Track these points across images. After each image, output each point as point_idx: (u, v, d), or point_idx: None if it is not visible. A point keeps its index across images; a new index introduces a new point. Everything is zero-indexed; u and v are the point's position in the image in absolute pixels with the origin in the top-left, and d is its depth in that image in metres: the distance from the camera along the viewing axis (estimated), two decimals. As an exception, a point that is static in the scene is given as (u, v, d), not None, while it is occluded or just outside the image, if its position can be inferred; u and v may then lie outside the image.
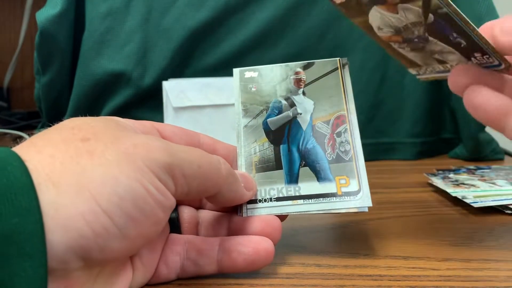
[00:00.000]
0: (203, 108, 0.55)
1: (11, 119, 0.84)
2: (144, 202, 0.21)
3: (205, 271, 0.27)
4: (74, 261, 0.20)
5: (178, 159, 0.23)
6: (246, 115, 0.33)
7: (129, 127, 0.25)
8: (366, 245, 0.32)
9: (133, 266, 0.25)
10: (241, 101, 0.33)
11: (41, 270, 0.18)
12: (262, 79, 0.34)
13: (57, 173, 0.20)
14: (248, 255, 0.26)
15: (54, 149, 0.21)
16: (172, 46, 0.59)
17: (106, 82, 0.59)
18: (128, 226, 0.21)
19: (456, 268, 0.28)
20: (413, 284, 0.26)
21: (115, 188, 0.20)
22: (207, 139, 0.30)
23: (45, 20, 0.57)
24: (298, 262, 0.29)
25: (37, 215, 0.18)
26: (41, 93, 0.62)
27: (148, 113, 0.59)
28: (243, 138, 0.32)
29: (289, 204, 0.29)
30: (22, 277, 0.18)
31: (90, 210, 0.20)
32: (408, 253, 0.30)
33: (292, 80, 0.33)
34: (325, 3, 0.59)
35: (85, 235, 0.19)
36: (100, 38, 0.58)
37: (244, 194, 0.28)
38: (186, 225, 0.29)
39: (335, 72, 0.33)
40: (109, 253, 0.21)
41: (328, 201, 0.29)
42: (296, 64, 0.34)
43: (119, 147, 0.22)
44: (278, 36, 0.60)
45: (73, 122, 0.23)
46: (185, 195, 0.24)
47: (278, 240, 0.28)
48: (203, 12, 0.59)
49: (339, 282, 0.26)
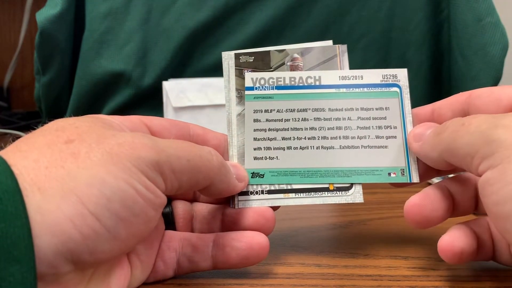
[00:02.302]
0: (203, 108, 0.55)
1: (11, 119, 0.84)
2: (133, 202, 0.21)
3: (200, 267, 0.27)
4: (64, 265, 0.19)
5: (166, 155, 0.23)
6: (240, 103, 0.31)
7: (115, 124, 0.25)
8: (366, 245, 0.32)
9: (131, 264, 0.25)
10: (236, 88, 0.31)
11: (29, 275, 0.18)
12: (258, 64, 0.32)
13: (42, 177, 0.20)
14: (241, 250, 0.26)
15: (38, 153, 0.21)
16: (172, 46, 0.59)
17: (106, 82, 0.59)
18: (118, 227, 0.21)
19: (456, 268, 0.28)
20: (413, 284, 0.26)
21: (102, 189, 0.20)
22: (197, 129, 0.30)
23: (45, 20, 0.57)
24: (298, 262, 0.29)
25: (23, 219, 0.18)
26: (41, 93, 0.62)
27: (148, 113, 0.59)
28: (235, 127, 0.31)
29: (281, 197, 0.29)
30: (10, 282, 0.18)
31: (77, 213, 0.19)
32: (408, 253, 0.30)
33: (288, 67, 0.32)
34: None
35: (74, 239, 0.19)
36: (100, 38, 0.58)
37: (236, 185, 0.28)
38: (181, 220, 0.29)
39: (334, 59, 0.32)
40: (100, 255, 0.20)
41: (320, 196, 0.29)
42: (293, 49, 0.32)
43: (104, 147, 0.21)
44: (278, 36, 0.60)
45: (57, 124, 0.23)
46: (176, 190, 0.24)
47: (272, 230, 0.28)
48: (203, 12, 0.59)
49: (339, 282, 0.26)
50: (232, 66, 0.32)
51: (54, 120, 0.24)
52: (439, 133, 0.26)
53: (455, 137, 0.24)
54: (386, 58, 0.61)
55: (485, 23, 0.55)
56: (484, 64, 0.56)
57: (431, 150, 0.27)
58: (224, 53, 0.32)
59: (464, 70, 0.58)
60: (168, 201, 0.29)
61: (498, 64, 0.55)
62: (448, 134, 0.25)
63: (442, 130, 0.26)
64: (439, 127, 0.27)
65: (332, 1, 0.60)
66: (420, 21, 0.61)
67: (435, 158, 0.26)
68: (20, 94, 0.96)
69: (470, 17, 0.56)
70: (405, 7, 0.61)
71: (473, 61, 0.56)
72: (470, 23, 0.56)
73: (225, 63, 0.32)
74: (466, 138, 0.23)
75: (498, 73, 0.55)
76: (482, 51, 0.55)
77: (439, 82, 0.63)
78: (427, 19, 0.61)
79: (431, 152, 0.27)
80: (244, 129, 0.30)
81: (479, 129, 0.23)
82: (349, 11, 0.61)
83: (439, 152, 0.26)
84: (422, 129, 0.28)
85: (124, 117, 0.27)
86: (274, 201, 0.29)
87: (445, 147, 0.25)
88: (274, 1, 0.59)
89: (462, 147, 0.24)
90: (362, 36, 0.61)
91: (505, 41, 0.55)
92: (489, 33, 0.55)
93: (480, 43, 0.56)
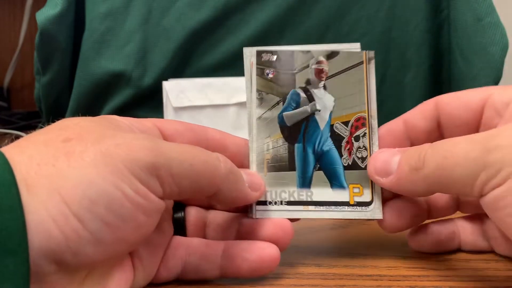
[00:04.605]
0: (203, 108, 0.55)
1: (11, 119, 0.84)
2: (120, 206, 0.21)
3: (207, 275, 0.26)
4: (46, 265, 0.19)
5: (165, 158, 0.22)
6: (260, 105, 0.29)
7: (124, 125, 0.25)
8: (366, 245, 0.32)
9: (134, 268, 0.24)
10: (257, 89, 0.30)
11: (23, 268, 0.18)
12: (281, 64, 0.30)
13: (32, 174, 0.20)
14: (252, 261, 0.26)
15: (34, 150, 0.21)
16: (172, 46, 0.59)
17: (106, 82, 0.59)
18: (102, 231, 0.20)
19: (456, 268, 0.28)
20: (413, 284, 0.26)
21: (86, 191, 0.20)
22: (216, 134, 0.29)
23: (45, 20, 0.57)
24: (298, 262, 0.29)
25: (19, 212, 0.18)
26: (41, 93, 0.62)
27: (148, 113, 0.59)
28: (256, 132, 0.29)
29: (300, 209, 0.28)
30: (4, 274, 0.18)
31: (60, 213, 0.19)
32: (408, 253, 0.30)
33: (313, 70, 0.30)
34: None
35: (56, 238, 0.19)
36: (100, 38, 0.58)
37: (248, 194, 0.27)
38: (192, 227, 0.28)
39: (360, 66, 0.30)
40: (83, 257, 0.20)
41: (340, 210, 0.28)
42: (319, 51, 0.30)
43: (99, 147, 0.21)
44: (278, 36, 0.60)
45: (63, 122, 0.23)
46: (177, 195, 0.23)
47: (288, 244, 0.27)
48: (203, 12, 0.59)
49: (339, 282, 0.26)
50: (254, 65, 0.30)
51: (62, 119, 0.24)
52: (416, 168, 0.25)
53: (443, 173, 0.24)
54: (386, 58, 0.61)
55: (485, 23, 0.55)
56: (484, 64, 0.55)
57: (413, 186, 0.26)
58: (246, 49, 0.30)
59: (464, 70, 0.58)
60: (182, 206, 0.29)
61: (498, 64, 0.55)
62: (433, 171, 0.24)
63: (418, 164, 0.25)
64: (409, 158, 0.26)
65: (332, 1, 0.60)
66: (420, 21, 0.61)
67: (420, 192, 0.26)
68: (20, 94, 0.96)
69: (470, 17, 0.56)
70: (405, 7, 0.61)
71: (473, 61, 0.56)
72: (470, 23, 0.56)
73: (247, 60, 0.30)
74: (458, 171, 0.23)
75: (498, 73, 0.55)
76: (482, 51, 0.55)
77: (439, 82, 0.63)
78: (427, 19, 0.61)
79: (413, 187, 0.26)
80: (264, 134, 0.29)
81: (470, 158, 0.23)
82: (349, 11, 0.60)
83: (425, 188, 0.25)
84: (384, 162, 0.27)
85: (136, 119, 0.26)
86: (293, 213, 0.28)
87: (432, 182, 0.25)
88: (274, 1, 0.59)
89: (457, 180, 0.23)
90: (362, 36, 0.61)
91: (505, 41, 0.55)
92: (489, 33, 0.55)
93: (480, 43, 0.56)
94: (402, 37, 0.61)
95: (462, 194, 0.24)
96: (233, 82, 0.56)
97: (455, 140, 0.24)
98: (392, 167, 0.27)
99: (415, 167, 0.25)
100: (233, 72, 0.58)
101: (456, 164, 0.23)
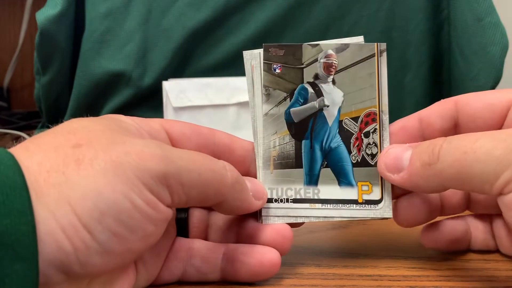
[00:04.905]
0: (203, 108, 0.55)
1: (11, 119, 0.84)
2: (129, 217, 0.20)
3: (208, 278, 0.26)
4: (55, 275, 0.19)
5: (175, 167, 0.22)
6: (267, 101, 0.28)
7: (133, 128, 0.24)
8: (366, 245, 0.32)
9: (137, 270, 0.24)
10: (264, 84, 0.29)
11: (32, 273, 0.18)
12: (288, 59, 0.29)
13: (41, 182, 0.19)
14: (251, 266, 0.26)
15: (43, 156, 0.20)
16: (172, 46, 0.59)
17: (106, 82, 0.59)
18: (111, 242, 0.20)
19: (456, 268, 0.28)
20: (413, 284, 0.26)
21: (96, 202, 0.19)
22: (224, 137, 0.28)
23: (45, 20, 0.57)
24: (298, 262, 0.29)
25: (29, 216, 0.18)
26: (41, 93, 0.62)
27: (148, 113, 0.59)
28: (262, 128, 0.28)
29: (306, 207, 0.28)
30: (13, 279, 0.17)
31: (69, 223, 0.19)
32: (408, 253, 0.30)
33: (322, 64, 0.29)
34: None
35: (65, 249, 0.19)
36: (100, 38, 0.58)
37: (252, 203, 0.26)
38: (194, 229, 0.28)
39: (371, 59, 0.29)
40: (91, 268, 0.20)
41: (347, 209, 0.28)
42: (328, 44, 0.29)
43: (110, 155, 0.20)
44: (278, 36, 0.60)
45: (71, 125, 0.23)
46: (184, 204, 0.23)
47: (288, 250, 0.27)
48: (203, 12, 0.59)
49: (339, 282, 0.26)
50: (255, 67, 0.29)
51: (70, 120, 0.23)
52: (430, 163, 0.24)
53: (460, 169, 0.23)
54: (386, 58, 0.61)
55: (485, 23, 0.55)
56: (484, 64, 0.55)
57: (425, 182, 0.25)
58: (246, 52, 0.29)
59: (464, 70, 0.58)
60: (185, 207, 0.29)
61: (498, 64, 0.55)
62: (450, 165, 0.24)
63: (432, 159, 0.24)
64: (421, 153, 0.25)
65: (332, 1, 0.60)
66: (420, 21, 0.61)
67: (433, 188, 0.25)
68: (20, 94, 0.96)
69: (470, 17, 0.56)
70: (405, 7, 0.61)
71: (473, 61, 0.56)
72: (470, 23, 0.56)
73: (247, 63, 0.29)
74: (478, 167, 0.23)
75: (498, 73, 0.55)
76: (482, 51, 0.55)
77: (439, 82, 0.63)
78: (427, 19, 0.61)
79: (425, 183, 0.25)
80: (271, 130, 0.28)
81: (493, 156, 0.22)
82: (349, 11, 0.60)
83: (439, 183, 0.25)
84: (395, 158, 0.26)
85: (144, 120, 0.26)
86: (299, 211, 0.28)
87: (447, 178, 0.24)
88: (274, 1, 0.59)
89: (476, 176, 0.23)
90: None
91: (505, 41, 0.55)
92: (489, 33, 0.55)
93: (480, 43, 0.55)
94: (402, 37, 0.61)
95: (479, 191, 0.24)
96: (233, 82, 0.56)
97: (475, 135, 0.23)
98: (403, 163, 0.26)
99: (428, 162, 0.24)
100: (233, 72, 0.58)
101: (477, 161, 0.23)
